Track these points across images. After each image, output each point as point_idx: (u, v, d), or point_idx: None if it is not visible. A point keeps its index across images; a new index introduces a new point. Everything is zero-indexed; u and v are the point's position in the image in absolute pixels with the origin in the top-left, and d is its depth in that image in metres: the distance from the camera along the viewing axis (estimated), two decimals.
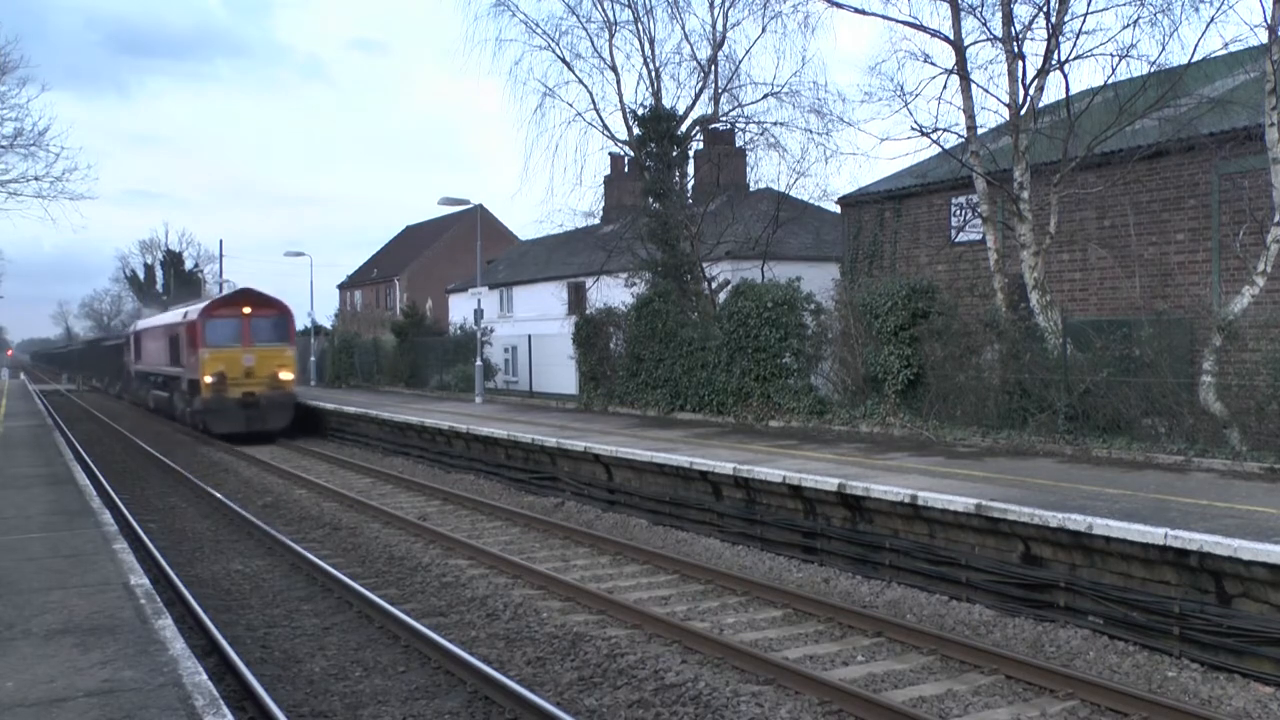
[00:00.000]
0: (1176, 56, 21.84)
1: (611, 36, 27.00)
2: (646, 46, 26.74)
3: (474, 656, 8.47)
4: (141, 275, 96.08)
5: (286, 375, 30.19)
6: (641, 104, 26.12)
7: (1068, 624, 9.25)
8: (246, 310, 30.21)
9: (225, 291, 37.89)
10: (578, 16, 27.11)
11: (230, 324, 29.82)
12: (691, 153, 27.82)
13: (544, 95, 27.89)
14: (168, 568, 12.10)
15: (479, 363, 31.59)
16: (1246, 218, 15.58)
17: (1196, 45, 26.72)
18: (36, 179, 27.49)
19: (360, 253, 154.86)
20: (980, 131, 17.94)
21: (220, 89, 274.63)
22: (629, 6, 26.80)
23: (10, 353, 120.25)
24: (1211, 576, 8.42)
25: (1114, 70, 16.39)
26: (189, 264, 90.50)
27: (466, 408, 27.78)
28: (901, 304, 17.95)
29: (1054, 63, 16.43)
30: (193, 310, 31.99)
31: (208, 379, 29.11)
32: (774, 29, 27.39)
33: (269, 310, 30.78)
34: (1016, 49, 16.70)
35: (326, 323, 56.19)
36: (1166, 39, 16.56)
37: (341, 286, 74.81)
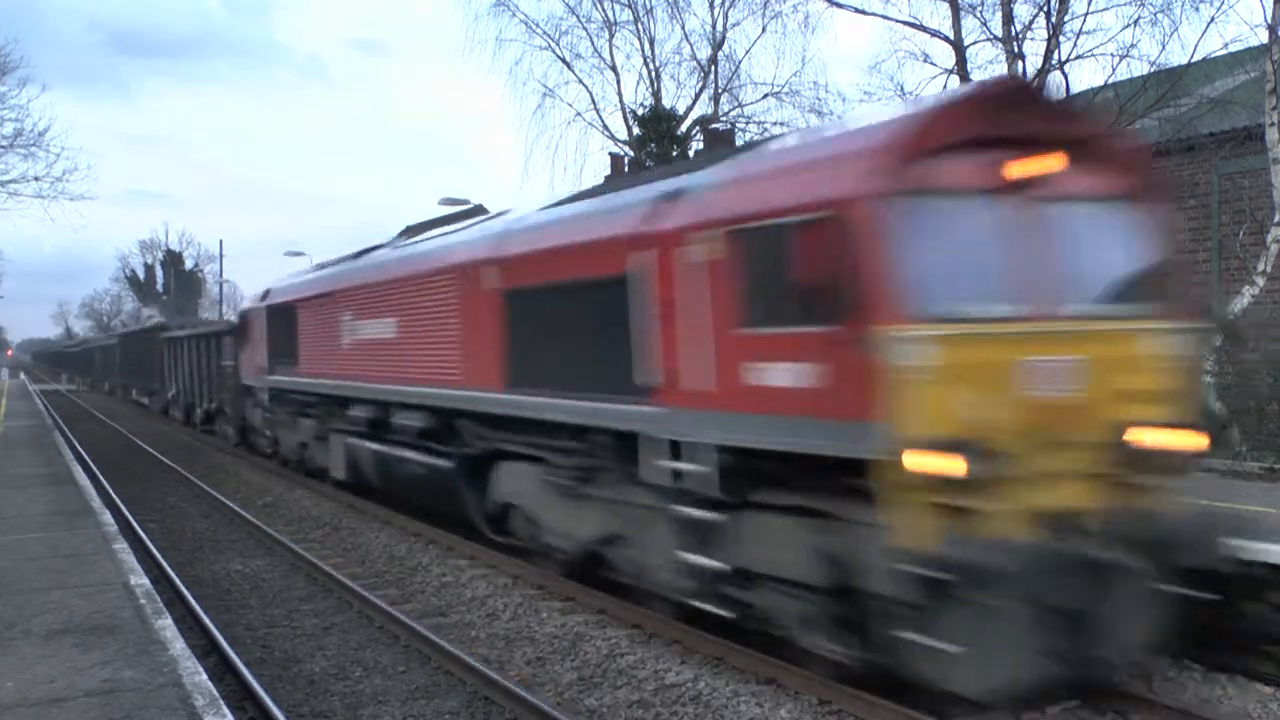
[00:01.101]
0: (1176, 56, 21.82)
1: (611, 36, 27.07)
2: (646, 46, 26.82)
3: (473, 657, 8.48)
4: (141, 275, 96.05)
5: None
6: (641, 104, 26.21)
7: None
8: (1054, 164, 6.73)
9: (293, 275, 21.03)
10: (578, 16, 27.19)
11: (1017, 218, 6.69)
12: (691, 153, 27.83)
13: (544, 95, 27.97)
14: (168, 568, 12.09)
15: None
16: (1246, 218, 15.59)
17: (1196, 45, 26.71)
18: (36, 179, 27.54)
19: None
20: None
21: (220, 89, 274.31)
22: (629, 6, 26.88)
23: (10, 353, 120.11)
24: None
25: (1114, 70, 16.43)
26: (189, 264, 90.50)
27: None
28: None
29: (1054, 63, 16.46)
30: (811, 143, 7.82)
31: (946, 462, 6.06)
32: (774, 29, 27.39)
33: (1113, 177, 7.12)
34: (1016, 49, 16.73)
35: None
36: (1166, 39, 16.63)
37: None
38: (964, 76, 17.43)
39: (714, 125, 27.83)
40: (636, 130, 25.87)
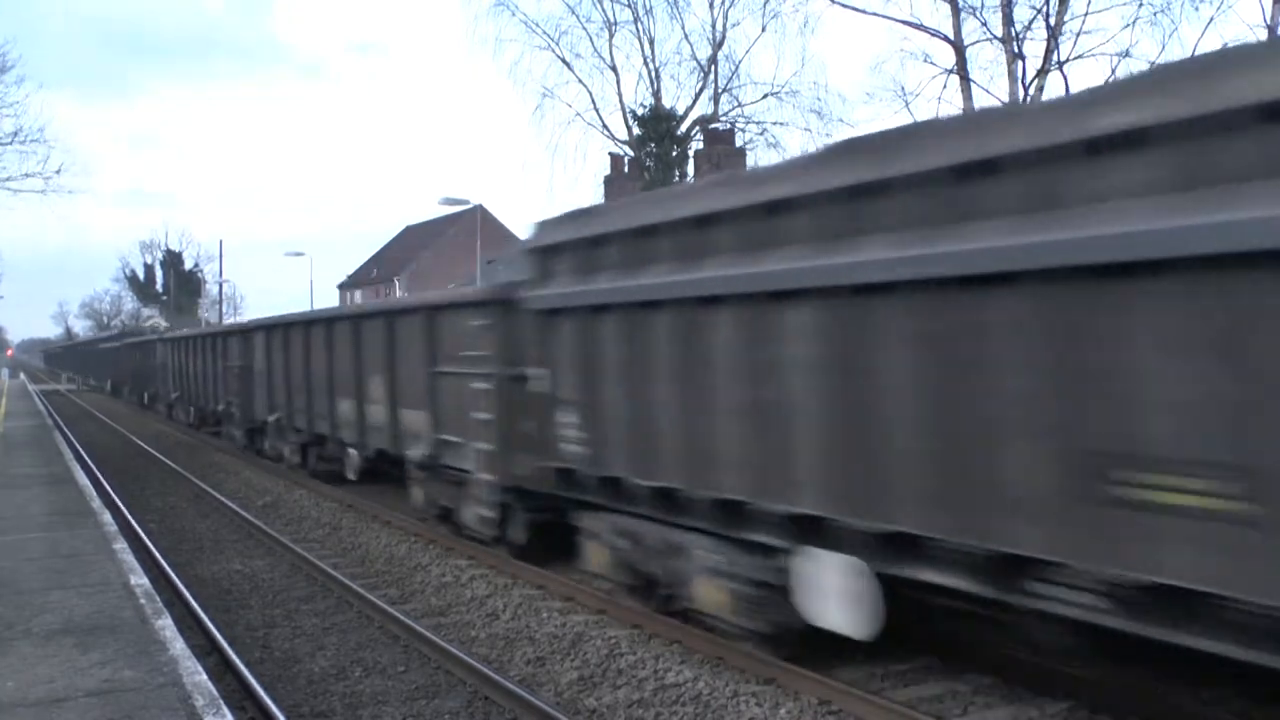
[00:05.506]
0: (1176, 56, 21.88)
1: (611, 36, 27.17)
2: (646, 46, 26.91)
3: (473, 657, 8.49)
4: (141, 275, 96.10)
5: None
6: (641, 104, 26.32)
7: None
8: None
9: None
10: (577, 16, 27.32)
11: None
12: (691, 153, 27.92)
13: (544, 95, 28.13)
14: (167, 568, 12.09)
15: None
16: None
17: (1196, 45, 26.79)
18: (28, 176, 27.74)
19: (360, 253, 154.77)
20: None
21: (220, 89, 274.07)
22: (629, 6, 27.01)
23: (10, 353, 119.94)
24: None
25: (1114, 70, 16.48)
26: (189, 264, 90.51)
27: None
28: None
29: (1054, 63, 16.51)
30: None
31: None
32: (774, 29, 27.75)
33: None
34: (1016, 49, 16.76)
35: None
36: (1166, 39, 16.72)
37: (341, 286, 74.86)
38: (964, 76, 17.48)
39: (714, 125, 27.87)
40: (636, 130, 25.92)
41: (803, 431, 7.01)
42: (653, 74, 26.95)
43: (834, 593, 7.05)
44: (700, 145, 29.14)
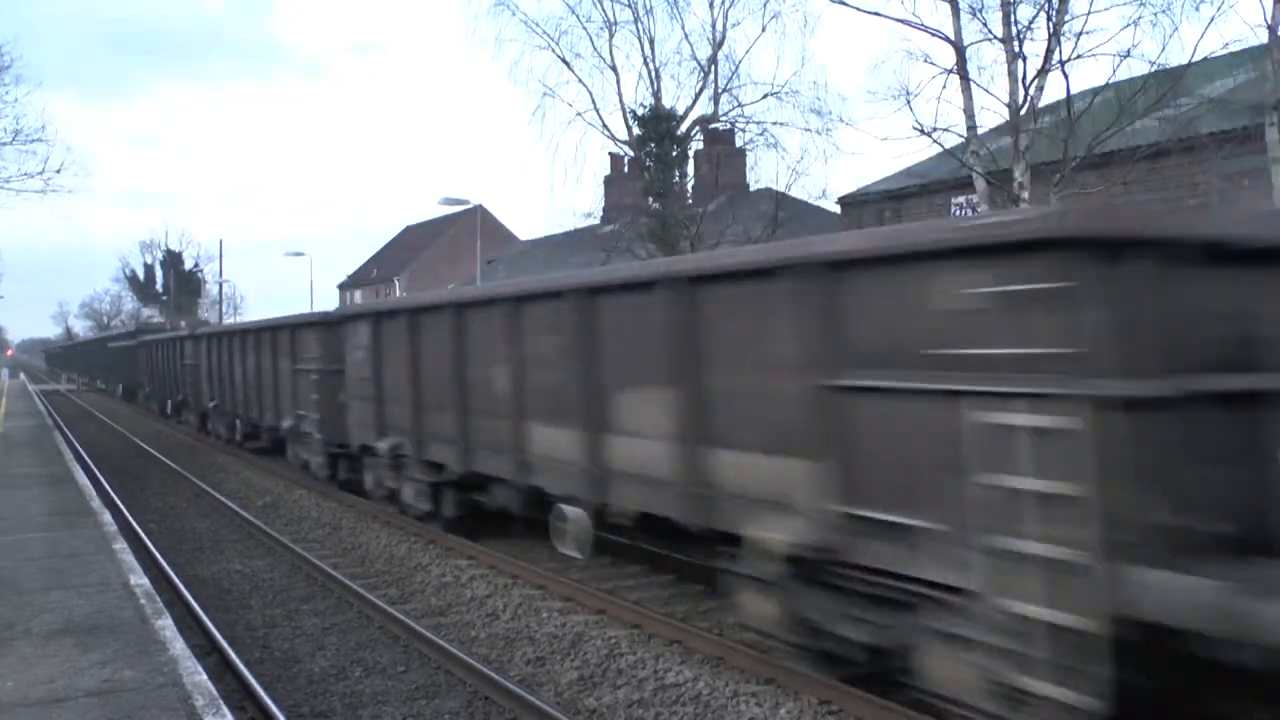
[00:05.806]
0: (1176, 56, 21.87)
1: (611, 36, 27.16)
2: (646, 46, 26.89)
3: (473, 657, 8.49)
4: (141, 275, 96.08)
5: None
6: (641, 104, 26.32)
7: None
8: None
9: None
10: (577, 16, 27.30)
11: None
12: (691, 153, 28.00)
13: (544, 95, 28.09)
14: (167, 568, 12.09)
15: None
16: None
17: (1196, 45, 26.83)
18: (28, 175, 27.77)
19: (360, 253, 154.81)
20: (980, 131, 17.95)
21: (220, 89, 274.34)
22: (629, 6, 27.00)
23: (10, 353, 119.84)
24: None
25: (1114, 70, 16.47)
26: (189, 264, 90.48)
27: None
28: None
29: (1054, 63, 16.49)
30: None
31: None
32: (774, 29, 27.76)
33: None
34: (1016, 49, 16.74)
35: None
36: (1167, 39, 16.69)
37: (341, 287, 74.86)
38: (964, 76, 17.46)
39: (714, 125, 27.90)
40: (636, 130, 25.93)
41: None
42: (653, 74, 26.96)
43: None
44: (700, 145, 29.17)
